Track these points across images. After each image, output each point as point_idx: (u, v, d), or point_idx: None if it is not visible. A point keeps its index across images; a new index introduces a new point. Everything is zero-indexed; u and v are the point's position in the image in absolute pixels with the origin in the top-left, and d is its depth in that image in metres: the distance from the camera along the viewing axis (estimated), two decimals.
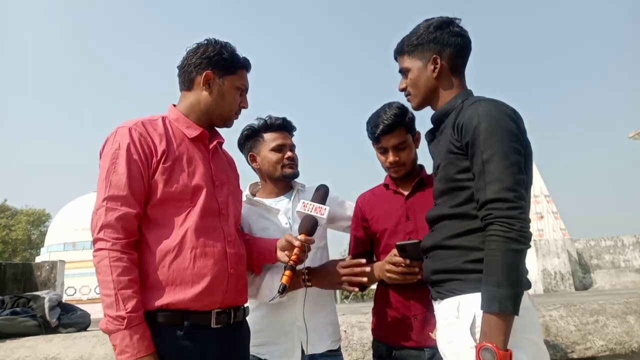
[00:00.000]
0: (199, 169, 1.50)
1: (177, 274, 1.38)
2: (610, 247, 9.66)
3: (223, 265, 1.45)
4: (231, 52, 1.58)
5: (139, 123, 1.47)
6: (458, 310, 1.32)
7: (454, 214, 1.40)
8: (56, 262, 5.33)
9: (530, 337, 1.28)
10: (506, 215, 1.21)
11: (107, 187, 1.37)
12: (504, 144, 1.28)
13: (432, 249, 1.48)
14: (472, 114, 1.34)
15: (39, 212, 33.90)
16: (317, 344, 1.86)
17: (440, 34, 1.51)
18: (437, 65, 1.50)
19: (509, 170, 1.25)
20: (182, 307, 1.36)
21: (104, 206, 1.35)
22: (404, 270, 1.68)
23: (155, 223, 1.42)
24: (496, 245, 1.20)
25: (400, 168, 1.89)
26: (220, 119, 1.61)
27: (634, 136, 14.06)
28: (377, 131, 1.85)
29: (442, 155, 1.46)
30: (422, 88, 1.54)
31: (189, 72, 1.56)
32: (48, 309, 3.06)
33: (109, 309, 1.28)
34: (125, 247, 1.34)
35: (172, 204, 1.43)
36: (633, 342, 2.60)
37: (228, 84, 1.57)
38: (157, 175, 1.42)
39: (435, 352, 1.64)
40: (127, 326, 1.26)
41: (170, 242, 1.39)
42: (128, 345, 1.26)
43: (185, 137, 1.53)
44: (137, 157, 1.40)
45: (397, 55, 1.62)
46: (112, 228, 1.34)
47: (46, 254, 17.12)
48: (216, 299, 1.43)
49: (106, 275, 1.30)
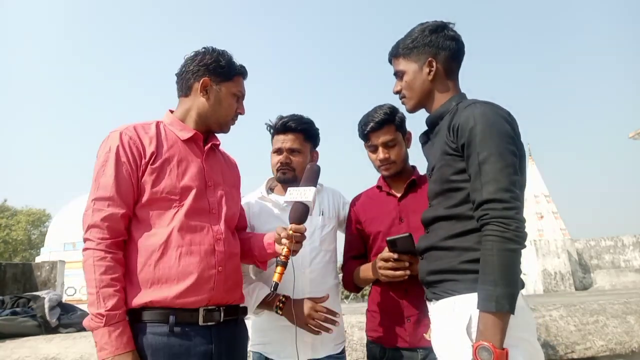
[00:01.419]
0: (191, 170, 1.53)
1: (162, 272, 1.40)
2: (610, 247, 9.67)
3: (210, 264, 1.46)
4: (228, 60, 1.62)
5: (130, 127, 1.52)
6: (454, 310, 1.33)
7: (449, 215, 1.41)
8: (56, 262, 5.33)
9: (525, 337, 1.29)
10: (502, 216, 1.23)
11: (96, 188, 1.43)
12: (500, 145, 1.29)
13: (428, 250, 1.49)
14: (468, 115, 1.35)
15: (39, 212, 33.90)
16: (320, 348, 1.86)
17: (436, 38, 1.53)
18: (433, 68, 1.52)
19: (505, 171, 1.27)
20: (167, 305, 1.39)
21: (91, 207, 1.41)
22: (394, 265, 1.68)
23: (143, 223, 1.45)
24: (492, 245, 1.22)
25: (390, 166, 1.90)
26: (217, 124, 1.64)
27: (634, 136, 14.06)
28: (367, 129, 1.87)
29: (437, 157, 1.47)
30: (418, 90, 1.56)
31: (187, 79, 1.60)
32: (48, 309, 3.06)
33: (91, 306, 1.33)
34: (110, 246, 1.38)
35: (159, 204, 1.46)
36: (633, 342, 2.60)
37: (225, 91, 1.61)
38: (145, 176, 1.46)
39: (428, 353, 1.66)
40: (107, 324, 1.30)
41: (156, 241, 1.42)
42: (107, 343, 1.29)
43: (178, 140, 1.56)
44: (125, 159, 1.45)
45: (392, 58, 1.64)
46: (98, 228, 1.38)
47: (46, 254, 17.12)
48: (203, 297, 1.44)
49: (90, 274, 1.35)
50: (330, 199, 2.09)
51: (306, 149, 2.03)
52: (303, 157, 2.01)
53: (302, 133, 2.01)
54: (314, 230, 1.96)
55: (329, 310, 1.78)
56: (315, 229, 1.97)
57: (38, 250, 23.44)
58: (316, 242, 1.95)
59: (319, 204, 2.02)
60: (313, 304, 1.78)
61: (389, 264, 1.69)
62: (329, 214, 2.03)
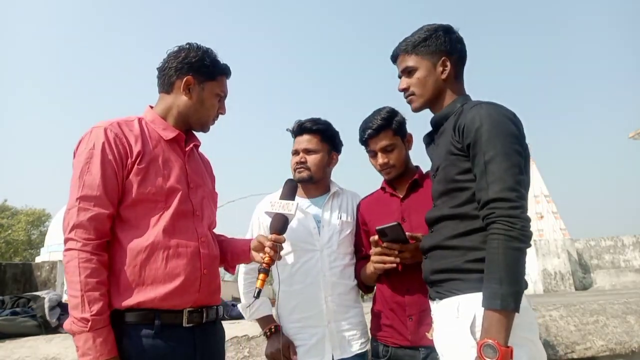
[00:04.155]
0: (175, 171, 1.50)
1: (148, 273, 1.37)
2: (610, 247, 9.66)
3: (195, 266, 1.45)
4: (212, 59, 1.58)
5: (114, 123, 1.46)
6: (458, 310, 1.33)
7: (454, 215, 1.42)
8: (56, 262, 5.33)
9: (528, 337, 1.29)
10: (508, 215, 1.23)
11: (80, 187, 1.37)
12: (506, 145, 1.30)
13: (432, 249, 1.49)
14: (474, 116, 1.36)
15: (39, 212, 33.85)
16: (347, 347, 1.92)
17: (449, 39, 1.54)
18: (447, 68, 1.52)
19: (511, 170, 1.27)
20: (153, 307, 1.36)
21: (76, 206, 1.35)
22: (383, 251, 1.72)
23: (128, 223, 1.42)
24: (498, 243, 1.22)
25: (390, 170, 1.93)
26: (198, 124, 1.62)
27: (634, 136, 14.05)
28: (365, 135, 1.91)
29: (441, 157, 1.47)
30: (430, 88, 1.55)
31: (169, 76, 1.56)
32: (48, 309, 3.05)
33: (74, 310, 1.28)
34: (95, 248, 1.34)
35: (145, 204, 1.43)
36: (633, 342, 2.59)
37: (208, 90, 1.58)
38: (131, 176, 1.42)
39: (430, 352, 1.68)
40: (91, 329, 1.26)
41: (142, 243, 1.39)
42: (90, 348, 1.26)
43: (162, 139, 1.53)
44: (111, 157, 1.40)
45: (399, 54, 1.61)
46: (83, 228, 1.33)
47: (46, 254, 17.10)
48: (188, 299, 1.43)
49: (74, 276, 1.29)
50: (350, 202, 2.12)
51: (323, 150, 2.06)
52: (319, 157, 2.04)
53: (318, 134, 2.06)
54: (332, 234, 2.00)
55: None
56: (334, 232, 2.01)
57: (38, 250, 23.42)
58: (334, 245, 1.99)
59: (338, 208, 2.07)
60: (288, 346, 1.90)
61: (377, 250, 1.74)
62: (346, 218, 2.06)
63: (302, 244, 1.99)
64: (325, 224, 2.02)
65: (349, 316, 1.96)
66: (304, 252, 1.98)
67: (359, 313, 2.02)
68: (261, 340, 2.21)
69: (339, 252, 1.99)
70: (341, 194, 2.13)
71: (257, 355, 2.21)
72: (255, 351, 2.23)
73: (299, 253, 1.99)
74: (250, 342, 2.28)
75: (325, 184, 2.13)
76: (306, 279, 1.95)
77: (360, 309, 2.05)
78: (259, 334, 2.21)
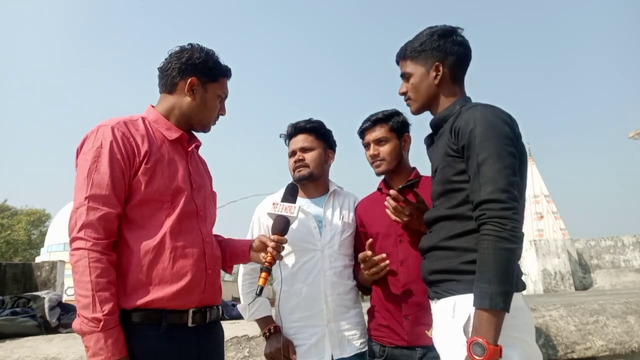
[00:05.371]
0: (179, 171, 1.50)
1: (155, 273, 1.37)
2: (610, 247, 9.66)
3: (201, 266, 1.46)
4: (215, 60, 1.59)
5: (121, 122, 1.46)
6: (454, 310, 1.35)
7: (450, 215, 1.44)
8: (56, 263, 5.32)
9: (522, 337, 1.31)
10: (499, 216, 1.25)
11: (89, 185, 1.35)
12: (499, 146, 1.31)
13: (430, 250, 1.51)
14: (468, 118, 1.38)
15: (39, 212, 33.87)
16: (347, 347, 1.93)
17: (444, 43, 1.55)
18: (439, 73, 1.54)
19: (503, 172, 1.29)
20: (160, 306, 1.36)
21: (85, 205, 1.33)
22: (370, 264, 1.76)
23: (134, 223, 1.41)
24: (488, 244, 1.24)
25: (380, 163, 1.95)
26: (200, 125, 1.62)
27: (634, 136, 14.05)
28: (362, 126, 1.97)
29: (439, 158, 1.49)
30: (423, 93, 1.58)
31: (173, 76, 1.56)
32: (48, 309, 3.05)
33: (84, 310, 1.28)
34: (105, 248, 1.33)
35: (152, 204, 1.43)
36: (633, 342, 2.59)
37: (210, 92, 1.59)
38: (139, 176, 1.41)
39: (426, 352, 1.70)
40: (103, 329, 1.26)
41: (149, 243, 1.39)
42: (102, 348, 1.25)
43: (165, 139, 1.53)
44: (119, 156, 1.39)
45: (399, 60, 1.65)
46: (93, 228, 1.32)
47: (46, 254, 17.12)
48: (194, 299, 1.43)
49: (84, 276, 1.28)
50: (351, 204, 2.13)
51: (319, 147, 2.07)
52: (316, 153, 2.05)
53: (312, 132, 2.08)
54: (334, 234, 2.02)
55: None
56: (335, 233, 2.02)
57: (38, 250, 23.44)
58: (335, 245, 2.00)
59: (339, 206, 2.09)
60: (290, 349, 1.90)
61: (367, 264, 1.76)
62: (348, 219, 2.07)
63: (303, 243, 2.00)
64: (327, 223, 2.03)
65: (349, 316, 1.97)
66: (305, 251, 1.99)
67: (359, 313, 2.03)
68: (261, 340, 2.21)
69: (339, 253, 2.01)
70: (341, 193, 2.15)
71: (257, 355, 2.21)
72: (255, 351, 2.23)
73: (300, 253, 2.00)
74: (250, 342, 2.28)
75: (325, 183, 2.14)
76: (307, 278, 1.96)
77: (360, 309, 2.06)
78: (259, 334, 2.21)
